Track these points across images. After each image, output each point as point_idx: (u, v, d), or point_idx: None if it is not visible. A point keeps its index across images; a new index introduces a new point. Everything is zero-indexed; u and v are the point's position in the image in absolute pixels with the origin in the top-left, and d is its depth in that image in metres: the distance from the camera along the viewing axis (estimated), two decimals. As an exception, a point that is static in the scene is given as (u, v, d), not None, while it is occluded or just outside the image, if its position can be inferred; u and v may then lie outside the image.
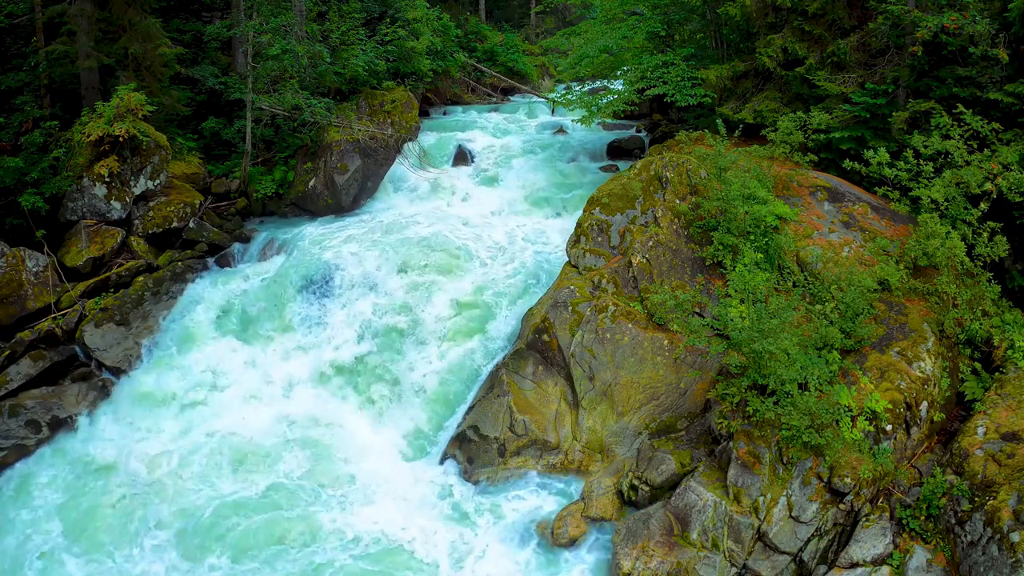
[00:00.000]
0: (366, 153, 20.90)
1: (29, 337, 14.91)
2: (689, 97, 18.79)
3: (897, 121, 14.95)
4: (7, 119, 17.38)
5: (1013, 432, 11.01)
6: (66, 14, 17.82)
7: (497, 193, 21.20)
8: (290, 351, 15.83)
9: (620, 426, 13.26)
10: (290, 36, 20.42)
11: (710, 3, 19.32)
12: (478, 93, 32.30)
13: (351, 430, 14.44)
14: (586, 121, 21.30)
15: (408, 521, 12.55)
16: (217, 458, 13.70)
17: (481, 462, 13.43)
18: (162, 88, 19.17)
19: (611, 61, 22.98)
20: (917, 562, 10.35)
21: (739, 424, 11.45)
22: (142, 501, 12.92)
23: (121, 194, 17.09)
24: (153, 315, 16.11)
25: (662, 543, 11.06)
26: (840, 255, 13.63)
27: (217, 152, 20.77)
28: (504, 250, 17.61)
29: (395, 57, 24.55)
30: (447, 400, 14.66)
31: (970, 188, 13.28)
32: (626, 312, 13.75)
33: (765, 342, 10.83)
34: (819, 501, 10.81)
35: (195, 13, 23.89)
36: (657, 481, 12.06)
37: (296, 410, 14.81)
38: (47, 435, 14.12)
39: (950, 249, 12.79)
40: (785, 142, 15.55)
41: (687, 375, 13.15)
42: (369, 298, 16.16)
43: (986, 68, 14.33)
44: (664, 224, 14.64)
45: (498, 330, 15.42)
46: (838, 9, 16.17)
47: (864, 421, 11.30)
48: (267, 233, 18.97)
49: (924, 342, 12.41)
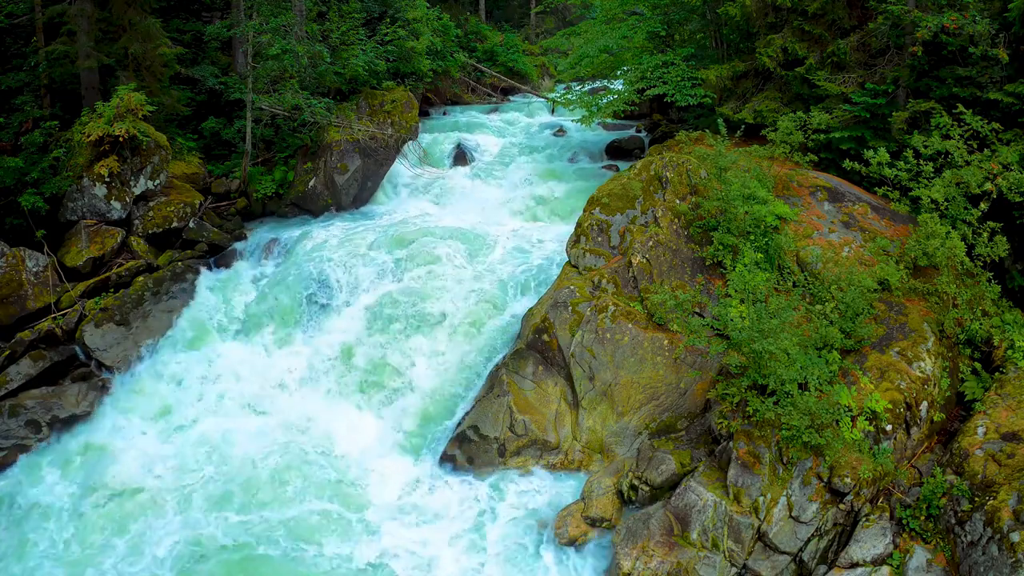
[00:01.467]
0: (366, 153, 20.91)
1: (29, 337, 14.91)
2: (689, 97, 18.80)
3: (897, 121, 14.95)
4: (7, 119, 17.38)
5: (1013, 432, 11.01)
6: (66, 14, 17.81)
7: (497, 193, 21.20)
8: (290, 351, 15.82)
9: (620, 426, 13.26)
10: (290, 36, 20.42)
11: (710, 3, 19.32)
12: (478, 93, 32.31)
13: (351, 430, 14.42)
14: (586, 121, 21.31)
15: (406, 520, 12.54)
16: (216, 458, 13.70)
17: (481, 462, 13.43)
18: (162, 88, 19.17)
19: (611, 61, 22.99)
20: (917, 562, 10.35)
21: (739, 424, 11.45)
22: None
23: (121, 194, 17.09)
24: (153, 315, 16.10)
25: (662, 543, 11.06)
26: (840, 255, 13.63)
27: (217, 152, 20.77)
28: (504, 250, 17.61)
29: (395, 57, 24.56)
30: (447, 400, 14.65)
31: (970, 188, 13.28)
32: (626, 312, 13.75)
33: (765, 342, 10.83)
34: (819, 501, 10.81)
35: (195, 13, 23.89)
36: (657, 481, 12.06)
37: (296, 410, 14.80)
38: (47, 435, 14.12)
39: (950, 249, 12.79)
40: (785, 142, 15.56)
41: (687, 375, 13.15)
42: (369, 298, 16.16)
43: (986, 68, 14.33)
44: (664, 224, 14.64)
45: (498, 330, 15.41)
46: (838, 9, 16.18)
47: (864, 421, 11.29)
48: (267, 233, 18.97)
49: (924, 342, 12.41)
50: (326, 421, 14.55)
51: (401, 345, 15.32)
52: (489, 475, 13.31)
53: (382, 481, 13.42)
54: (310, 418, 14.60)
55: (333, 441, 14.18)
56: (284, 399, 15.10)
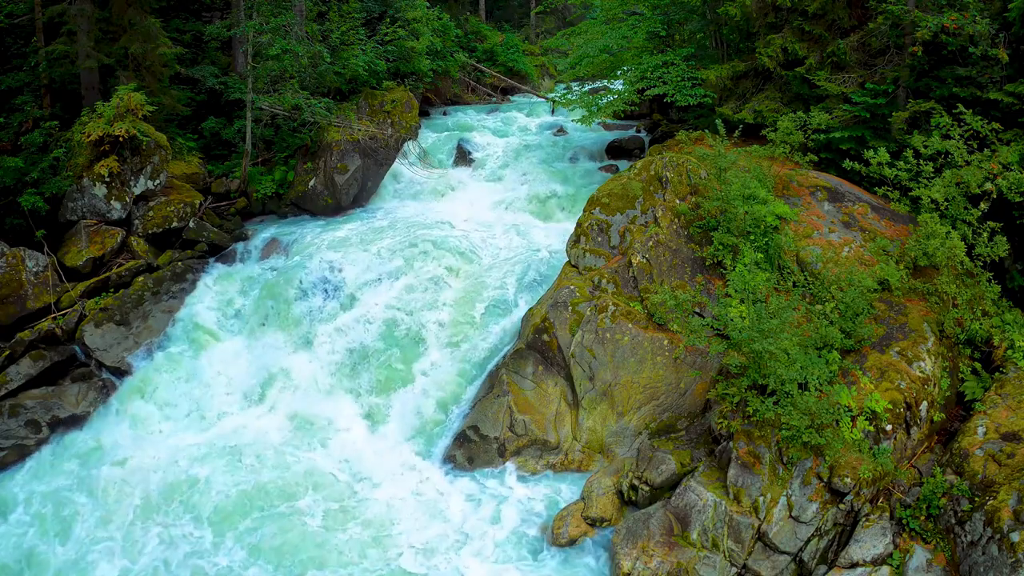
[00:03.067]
0: (366, 153, 20.91)
1: (29, 337, 14.91)
2: (689, 97, 18.79)
3: (897, 121, 14.95)
4: (7, 119, 17.38)
5: (1013, 432, 11.01)
6: (66, 14, 17.81)
7: (497, 193, 21.20)
8: (290, 351, 15.81)
9: (620, 426, 13.26)
10: (290, 36, 20.41)
11: (710, 3, 19.31)
12: (478, 93, 32.30)
13: (349, 430, 14.45)
14: (586, 121, 21.30)
15: (406, 520, 12.54)
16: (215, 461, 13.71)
17: (481, 462, 13.43)
18: (162, 88, 19.17)
19: (611, 61, 22.99)
20: (917, 562, 10.35)
21: (739, 424, 11.46)
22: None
23: (121, 194, 17.09)
24: (153, 315, 16.11)
25: (662, 543, 11.06)
26: (840, 255, 13.63)
27: (217, 152, 20.77)
28: (504, 250, 17.62)
29: (395, 57, 24.56)
30: (447, 400, 14.66)
31: (970, 188, 13.28)
32: (626, 312, 13.75)
33: (765, 342, 10.84)
34: (819, 501, 10.81)
35: (195, 13, 23.89)
36: (657, 481, 12.06)
37: (295, 410, 14.82)
38: (47, 435, 14.12)
39: (950, 249, 12.79)
40: (785, 142, 15.56)
41: (687, 375, 13.15)
42: (369, 298, 16.17)
43: (986, 68, 14.33)
44: (664, 224, 14.64)
45: (498, 330, 15.42)
46: (838, 9, 16.17)
47: (864, 421, 11.30)
48: (267, 233, 18.97)
49: (924, 342, 12.41)
50: (325, 421, 14.57)
51: (401, 345, 15.32)
52: (489, 475, 13.31)
53: (381, 481, 13.42)
54: (309, 418, 14.61)
55: (332, 441, 14.18)
56: (284, 399, 15.10)
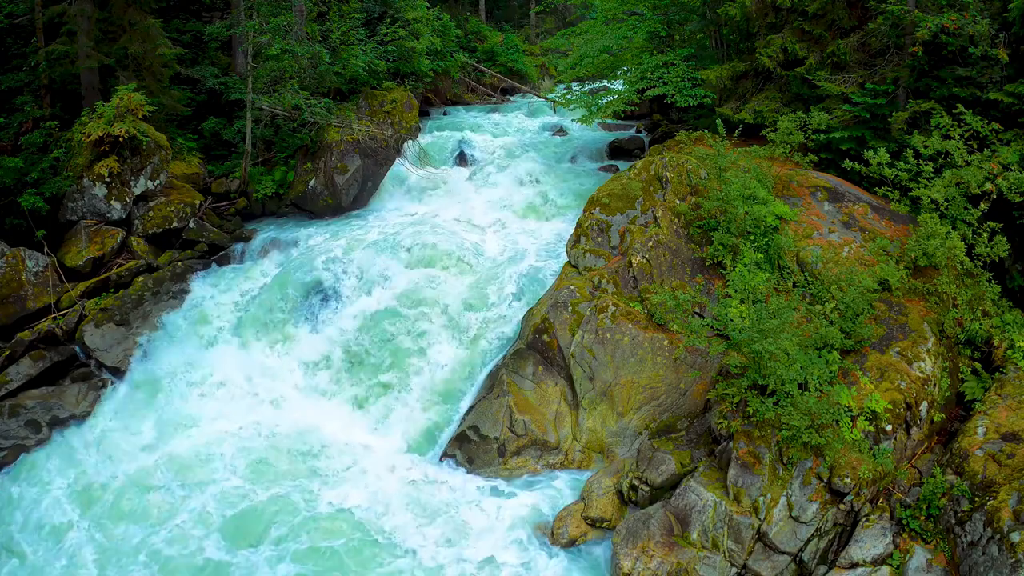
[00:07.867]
0: (366, 153, 20.91)
1: (29, 337, 14.90)
2: (689, 97, 18.79)
3: (897, 121, 14.95)
4: (7, 119, 17.37)
5: (1013, 432, 11.01)
6: (66, 14, 17.80)
7: (497, 193, 21.17)
8: (289, 351, 15.82)
9: (620, 426, 13.26)
10: (290, 36, 20.41)
11: (710, 3, 19.33)
12: (478, 93, 32.29)
13: (348, 431, 14.44)
14: (586, 121, 21.30)
15: (405, 520, 12.54)
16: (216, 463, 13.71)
17: (481, 462, 13.43)
18: (162, 88, 19.15)
19: (611, 61, 23.00)
20: (917, 562, 10.35)
21: (739, 424, 11.45)
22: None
23: (121, 194, 17.09)
24: (153, 315, 16.10)
25: (662, 543, 11.06)
26: (840, 255, 13.63)
27: (217, 152, 20.77)
28: (504, 250, 17.61)
29: (395, 57, 24.56)
30: (446, 400, 14.65)
31: (970, 188, 13.29)
32: (626, 312, 13.75)
33: (765, 342, 10.83)
34: (819, 501, 10.81)
35: (195, 13, 23.89)
36: (657, 481, 12.06)
37: (294, 410, 14.81)
38: (47, 435, 14.12)
39: (950, 249, 12.79)
40: (785, 142, 15.56)
41: (687, 375, 13.15)
42: (369, 298, 16.16)
43: (986, 68, 14.33)
44: (664, 224, 14.64)
45: (498, 330, 15.41)
46: (838, 9, 16.17)
47: (864, 421, 11.30)
48: (267, 233, 18.96)
49: (924, 342, 12.41)
50: (325, 421, 14.56)
51: (400, 345, 15.31)
52: (489, 475, 13.30)
53: (380, 481, 13.41)
54: (308, 418, 14.60)
55: (332, 441, 14.17)
56: (283, 399, 15.09)
